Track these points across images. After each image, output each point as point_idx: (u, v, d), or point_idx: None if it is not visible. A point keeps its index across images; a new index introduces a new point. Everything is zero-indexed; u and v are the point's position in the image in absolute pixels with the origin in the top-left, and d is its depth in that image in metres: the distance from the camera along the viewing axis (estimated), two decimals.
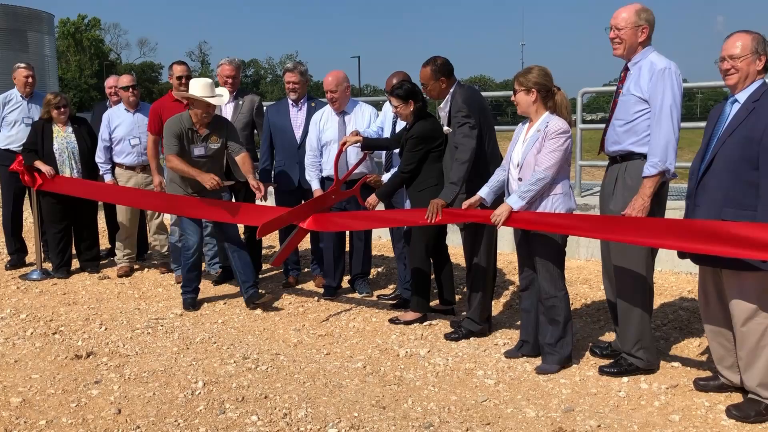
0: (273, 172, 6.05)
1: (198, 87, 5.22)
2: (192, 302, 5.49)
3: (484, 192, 4.17)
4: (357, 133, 5.10)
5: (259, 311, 5.34)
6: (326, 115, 5.59)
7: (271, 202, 6.79)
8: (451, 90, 4.49)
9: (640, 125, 3.78)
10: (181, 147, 5.26)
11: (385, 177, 5.32)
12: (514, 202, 3.89)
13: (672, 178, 3.78)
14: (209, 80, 5.33)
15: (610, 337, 4.61)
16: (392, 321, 4.97)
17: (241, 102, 6.02)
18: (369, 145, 5.12)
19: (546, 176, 3.84)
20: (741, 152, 3.27)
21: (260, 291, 5.55)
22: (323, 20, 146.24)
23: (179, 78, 6.18)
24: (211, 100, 5.23)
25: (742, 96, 3.36)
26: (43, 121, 6.36)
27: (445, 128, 4.55)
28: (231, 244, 5.51)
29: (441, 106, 4.59)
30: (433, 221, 4.33)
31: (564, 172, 3.95)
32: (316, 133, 5.57)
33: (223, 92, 5.56)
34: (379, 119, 5.61)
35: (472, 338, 4.61)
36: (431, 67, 4.47)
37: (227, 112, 5.98)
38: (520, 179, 3.96)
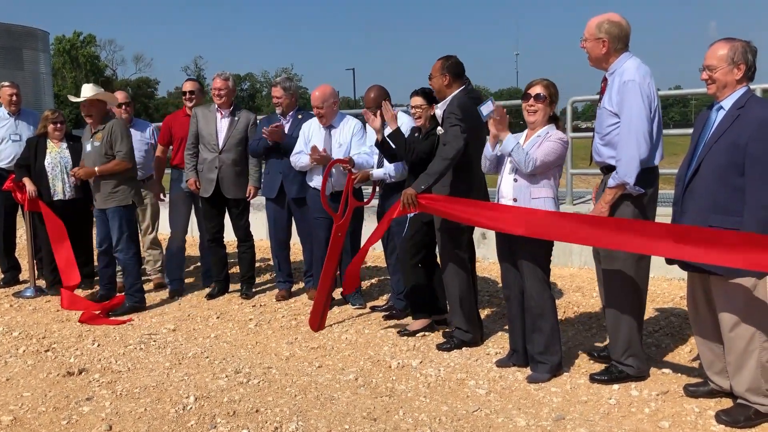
0: (261, 181, 6.20)
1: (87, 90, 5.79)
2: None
3: None
4: (349, 160, 5.23)
5: (252, 325, 5.35)
6: (314, 127, 5.67)
7: (261, 211, 6.81)
8: (453, 93, 4.53)
9: (615, 139, 3.79)
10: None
11: (376, 173, 5.36)
12: (511, 141, 3.91)
13: (636, 192, 3.73)
14: (93, 84, 5.94)
15: (600, 344, 4.61)
16: (400, 333, 4.97)
17: (236, 118, 6.06)
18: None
19: (534, 160, 3.85)
20: (727, 158, 3.30)
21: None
22: (318, 33, 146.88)
23: (183, 93, 6.34)
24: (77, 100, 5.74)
25: (727, 103, 3.39)
26: (38, 137, 6.41)
27: (438, 129, 4.59)
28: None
29: (439, 105, 4.64)
30: (409, 210, 4.39)
31: (554, 178, 4.00)
32: (303, 140, 5.68)
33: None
34: (367, 140, 5.62)
35: (464, 348, 4.61)
36: (442, 62, 4.55)
37: (222, 127, 6.02)
38: (515, 180, 3.99)
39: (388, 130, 4.81)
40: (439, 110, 4.61)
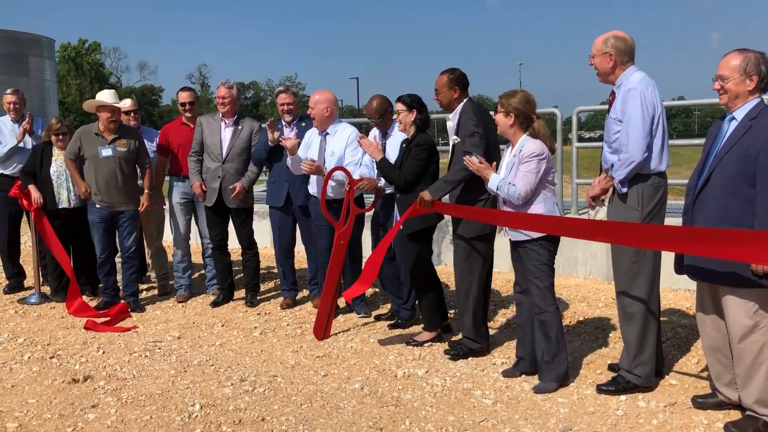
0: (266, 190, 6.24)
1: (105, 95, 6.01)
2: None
3: None
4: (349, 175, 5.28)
5: (257, 333, 5.34)
6: (314, 134, 5.70)
7: (265, 219, 6.80)
8: (462, 104, 4.58)
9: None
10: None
11: (383, 182, 5.37)
12: (495, 180, 4.02)
13: (620, 190, 3.85)
14: (113, 90, 6.21)
15: (607, 355, 4.60)
16: (408, 343, 4.95)
17: (240, 127, 6.07)
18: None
19: (518, 194, 3.93)
20: (738, 169, 3.29)
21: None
22: (322, 42, 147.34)
23: (183, 105, 6.33)
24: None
25: (739, 114, 3.39)
26: (44, 144, 6.42)
27: (453, 137, 4.60)
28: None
29: (450, 116, 4.67)
30: (426, 210, 4.49)
31: (544, 192, 4.02)
32: (304, 146, 5.72)
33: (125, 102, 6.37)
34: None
35: (470, 358, 4.59)
36: (448, 76, 4.61)
37: (226, 136, 6.03)
38: (505, 202, 4.07)
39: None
40: (450, 122, 4.63)
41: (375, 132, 5.64)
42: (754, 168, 3.23)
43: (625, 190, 3.83)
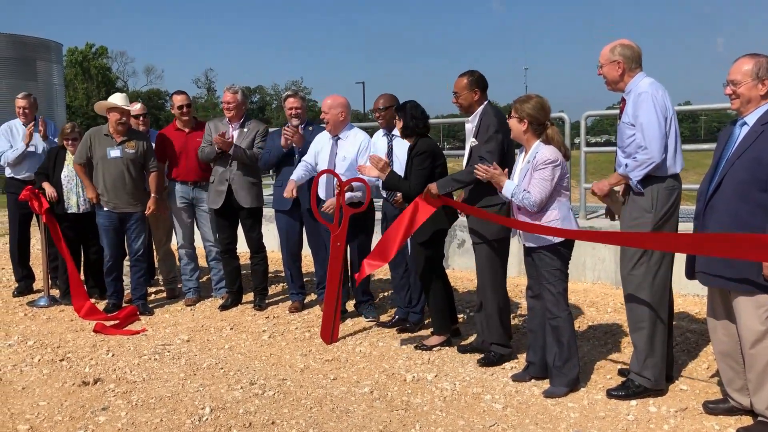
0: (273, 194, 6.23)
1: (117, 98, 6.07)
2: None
3: None
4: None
5: (266, 336, 5.35)
6: (324, 138, 5.70)
7: (273, 223, 6.82)
8: (482, 106, 4.59)
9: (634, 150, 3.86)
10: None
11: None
12: (510, 187, 4.02)
13: (636, 189, 3.85)
14: (124, 94, 6.25)
15: (617, 360, 4.59)
16: (417, 347, 4.94)
17: (245, 129, 6.09)
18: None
19: (533, 201, 3.93)
20: (749, 174, 3.29)
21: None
22: (328, 46, 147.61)
23: (180, 108, 6.33)
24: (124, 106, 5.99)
25: (751, 118, 3.39)
26: (58, 148, 6.47)
27: (472, 140, 4.61)
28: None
29: (469, 119, 4.67)
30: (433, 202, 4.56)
31: (559, 198, 4.02)
32: (313, 150, 5.73)
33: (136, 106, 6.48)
34: (369, 152, 5.65)
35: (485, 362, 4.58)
36: (468, 78, 4.61)
37: (232, 138, 6.05)
38: (519, 208, 4.08)
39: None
40: (470, 124, 4.64)
41: (380, 135, 5.63)
42: (766, 173, 3.23)
43: (642, 190, 3.83)
